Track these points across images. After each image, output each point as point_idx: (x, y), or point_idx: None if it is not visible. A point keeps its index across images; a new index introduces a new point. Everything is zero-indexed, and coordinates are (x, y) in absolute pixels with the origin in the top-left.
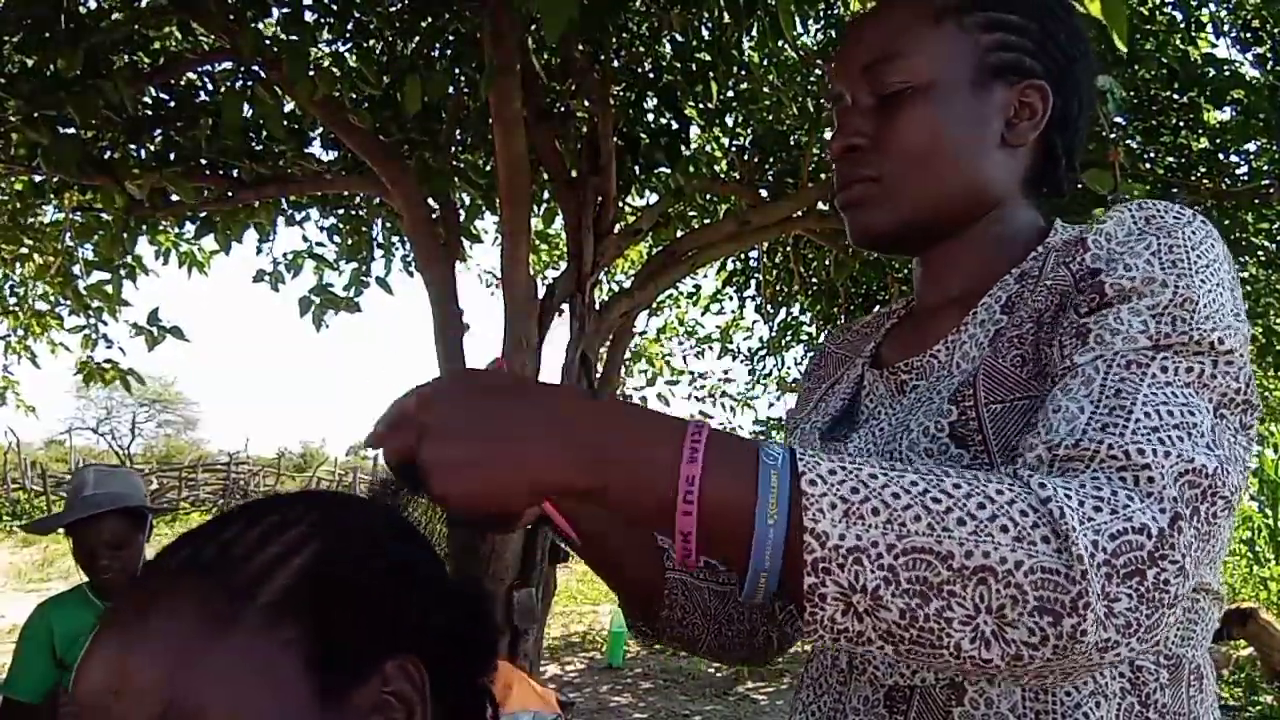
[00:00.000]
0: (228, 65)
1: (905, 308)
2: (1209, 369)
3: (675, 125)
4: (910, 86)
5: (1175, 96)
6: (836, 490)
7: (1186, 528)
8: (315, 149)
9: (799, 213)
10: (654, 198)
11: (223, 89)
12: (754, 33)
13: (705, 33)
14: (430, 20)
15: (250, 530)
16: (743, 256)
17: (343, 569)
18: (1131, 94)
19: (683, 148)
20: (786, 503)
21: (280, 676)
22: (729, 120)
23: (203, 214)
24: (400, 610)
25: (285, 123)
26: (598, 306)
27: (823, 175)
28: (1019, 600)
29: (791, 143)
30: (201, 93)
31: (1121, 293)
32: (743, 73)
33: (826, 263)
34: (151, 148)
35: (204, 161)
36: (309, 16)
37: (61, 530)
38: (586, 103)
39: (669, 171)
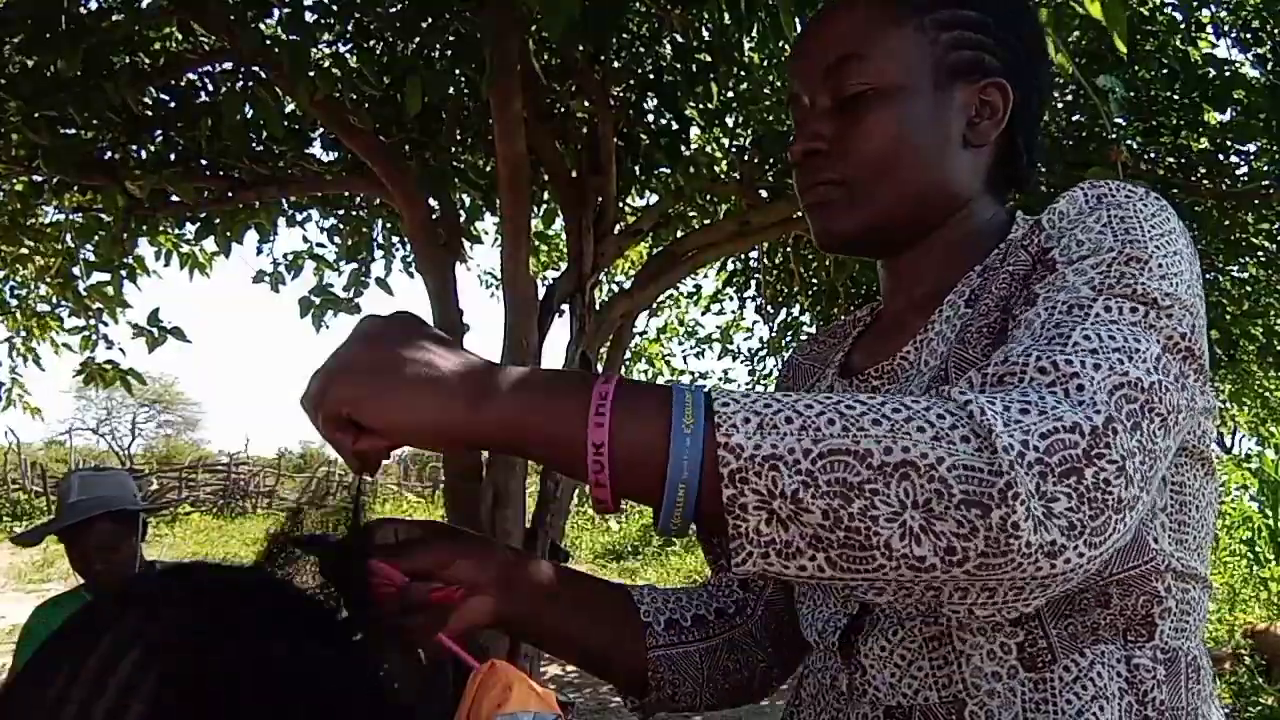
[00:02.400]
0: (228, 65)
1: (871, 313)
2: (1153, 315)
3: (675, 125)
4: (871, 89)
5: (1175, 96)
6: (750, 406)
7: (1124, 431)
8: (315, 149)
9: (799, 213)
10: (654, 198)
11: (223, 89)
12: (754, 33)
13: (705, 33)
14: (430, 20)
15: (79, 674)
16: (743, 257)
17: (201, 683)
18: (1131, 94)
19: (683, 148)
20: (702, 414)
21: None
22: (729, 120)
23: (203, 215)
24: (287, 712)
25: (285, 123)
26: (598, 307)
27: None
28: (944, 494)
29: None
30: (201, 93)
31: (1070, 259)
32: (743, 73)
33: (826, 263)
34: (151, 148)
35: (204, 162)
36: (309, 17)
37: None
38: (586, 103)
39: (669, 172)
